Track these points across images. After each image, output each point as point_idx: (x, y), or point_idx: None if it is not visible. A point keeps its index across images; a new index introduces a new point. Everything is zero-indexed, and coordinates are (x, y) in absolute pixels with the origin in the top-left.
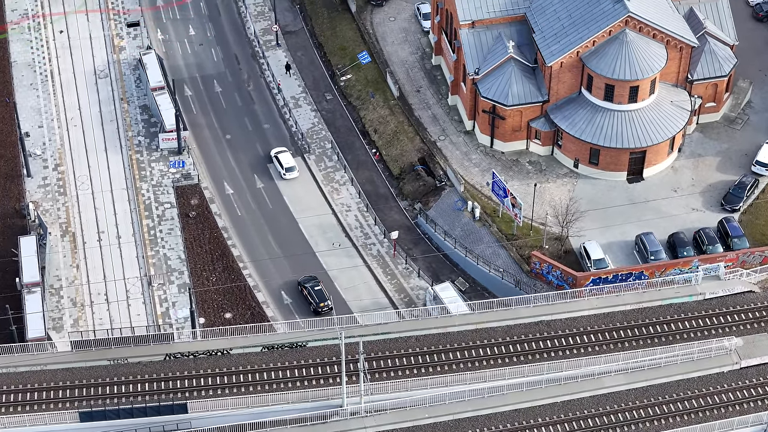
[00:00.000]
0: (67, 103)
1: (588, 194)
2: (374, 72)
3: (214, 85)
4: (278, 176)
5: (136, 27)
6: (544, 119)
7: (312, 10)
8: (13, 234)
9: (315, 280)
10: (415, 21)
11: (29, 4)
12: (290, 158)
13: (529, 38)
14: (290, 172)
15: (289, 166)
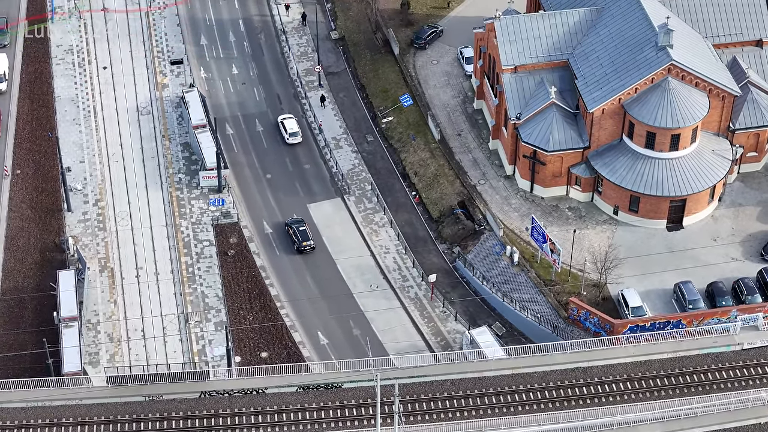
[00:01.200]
0: (109, 138)
1: (627, 241)
2: (416, 115)
3: (256, 124)
4: (283, 141)
5: (179, 65)
6: (584, 165)
7: (355, 52)
8: (52, 268)
9: (301, 222)
10: (458, 65)
11: (74, 39)
12: (295, 124)
13: (571, 84)
14: (294, 137)
15: (293, 131)
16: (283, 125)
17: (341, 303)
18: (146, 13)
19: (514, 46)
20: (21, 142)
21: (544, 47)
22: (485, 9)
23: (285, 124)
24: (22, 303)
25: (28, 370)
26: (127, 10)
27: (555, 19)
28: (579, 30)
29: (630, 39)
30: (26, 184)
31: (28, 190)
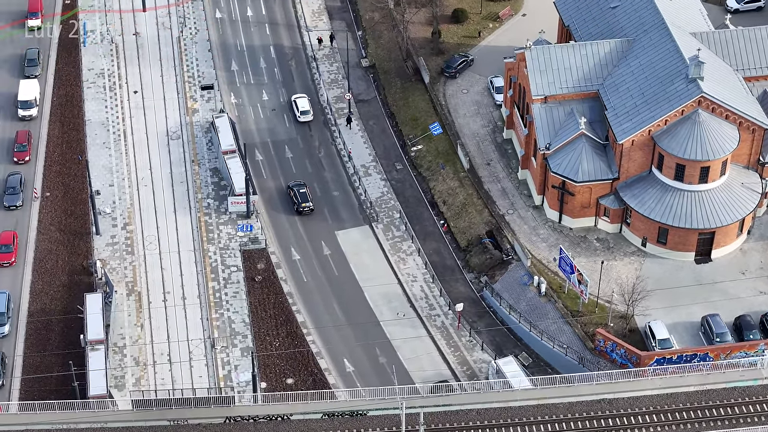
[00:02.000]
0: (139, 163)
1: (655, 273)
2: (445, 143)
3: (285, 150)
4: (295, 119)
5: (209, 90)
6: (613, 197)
7: (385, 80)
8: (79, 291)
9: (301, 184)
10: (488, 94)
11: (106, 63)
12: (306, 103)
13: (601, 115)
14: (305, 115)
15: (305, 109)
16: (295, 103)
17: (368, 330)
18: (177, 38)
19: (544, 76)
20: (51, 165)
21: (575, 78)
22: (516, 39)
23: (297, 102)
24: (49, 325)
25: (54, 392)
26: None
27: (586, 50)
28: (609, 61)
29: (661, 71)
30: (55, 207)
31: (57, 213)
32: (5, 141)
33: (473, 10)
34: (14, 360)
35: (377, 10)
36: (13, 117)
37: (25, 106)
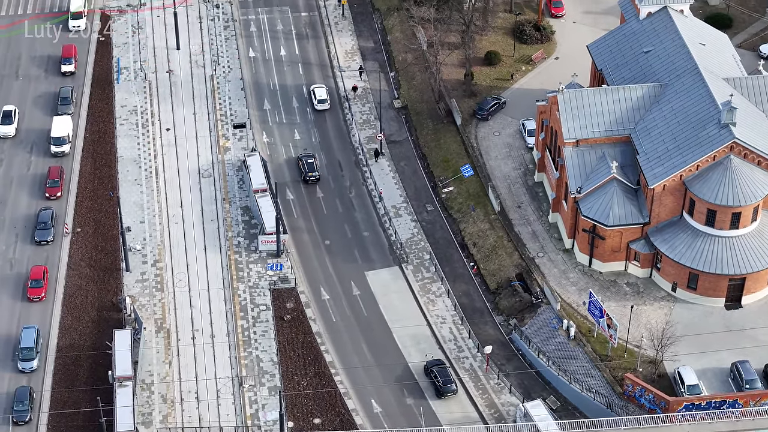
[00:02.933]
0: (170, 200)
1: (685, 319)
2: (476, 185)
3: (317, 190)
4: (312, 107)
5: (242, 128)
6: (644, 241)
7: (417, 121)
8: (108, 327)
9: (311, 155)
10: (520, 137)
11: (139, 100)
12: (324, 92)
13: (632, 159)
14: (322, 103)
15: (322, 98)
16: (313, 92)
17: (396, 371)
18: (211, 76)
19: (576, 119)
20: (82, 201)
21: (607, 122)
22: (549, 82)
23: (315, 91)
24: (77, 361)
25: (82, 428)
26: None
27: (618, 94)
28: (642, 105)
29: (693, 116)
30: (86, 243)
31: (87, 249)
32: (37, 176)
33: (506, 53)
34: (42, 395)
35: (410, 51)
36: (45, 153)
37: (58, 143)
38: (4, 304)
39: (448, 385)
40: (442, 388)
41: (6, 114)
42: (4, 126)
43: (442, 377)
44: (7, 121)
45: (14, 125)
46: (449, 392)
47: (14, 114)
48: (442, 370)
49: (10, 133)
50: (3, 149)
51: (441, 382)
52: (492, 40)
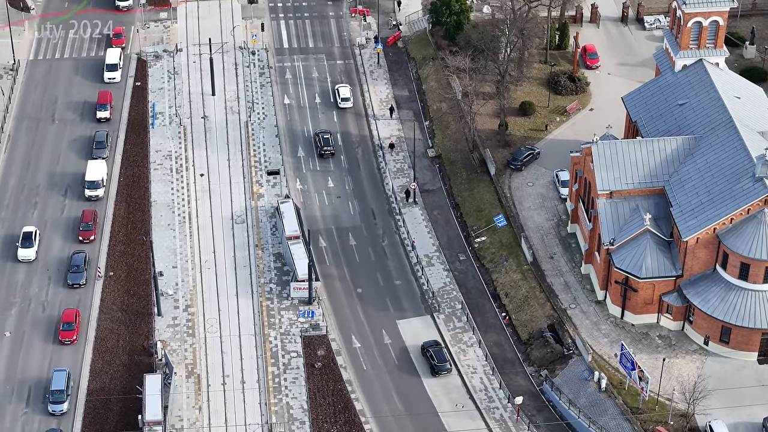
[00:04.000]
0: (203, 245)
1: (717, 372)
2: (509, 236)
3: (349, 238)
4: (335, 106)
5: (276, 175)
6: (676, 294)
7: (451, 170)
8: (139, 371)
9: (327, 132)
10: (553, 187)
11: (173, 145)
12: (347, 91)
13: (666, 211)
14: (345, 102)
15: (345, 97)
16: (338, 91)
17: (426, 421)
18: (245, 122)
19: (610, 171)
20: (115, 245)
21: (641, 174)
22: (583, 133)
23: (339, 90)
24: (107, 404)
25: None
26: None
27: (652, 146)
28: (676, 158)
29: (727, 169)
30: (118, 287)
31: (119, 293)
32: (71, 220)
33: (541, 104)
34: None
35: (445, 100)
36: (79, 197)
37: (92, 187)
38: (36, 347)
39: (442, 364)
40: (436, 366)
41: (26, 236)
42: (24, 249)
43: (437, 357)
44: (27, 244)
45: (35, 248)
46: (443, 371)
47: (35, 236)
48: (438, 351)
49: (30, 257)
50: (37, 192)
51: (436, 360)
52: (527, 90)
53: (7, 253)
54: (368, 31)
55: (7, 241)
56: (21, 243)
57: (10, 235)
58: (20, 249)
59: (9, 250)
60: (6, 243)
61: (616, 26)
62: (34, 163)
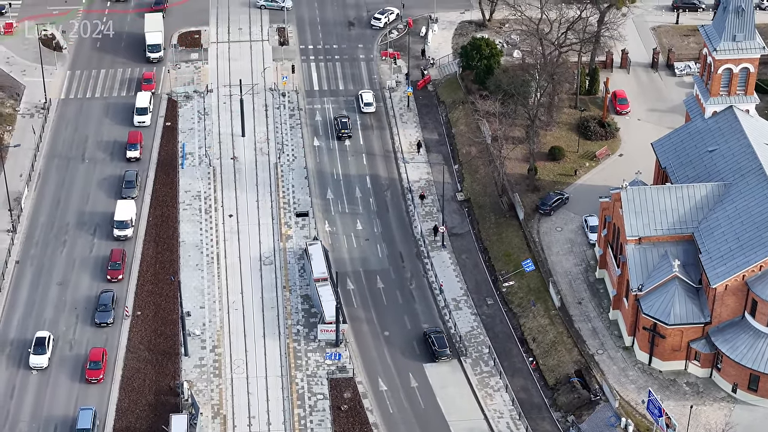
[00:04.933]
0: (231, 286)
1: (745, 420)
2: (537, 280)
3: (377, 280)
4: (358, 110)
5: (304, 217)
6: (705, 341)
7: (480, 214)
8: (165, 411)
9: (346, 116)
10: (582, 233)
11: (202, 186)
12: (371, 96)
13: (695, 258)
14: (368, 107)
15: (368, 102)
16: (361, 96)
17: None
18: (275, 164)
19: (639, 217)
20: (143, 284)
21: (670, 220)
22: (612, 178)
23: (363, 95)
24: None
25: None
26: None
27: (682, 193)
28: (705, 204)
29: (756, 216)
30: (145, 326)
31: (146, 332)
32: (100, 259)
33: (570, 149)
34: None
35: (474, 144)
36: (108, 236)
37: (121, 227)
38: (63, 385)
39: (443, 349)
40: (437, 352)
41: (39, 341)
42: (36, 356)
43: (438, 343)
44: (39, 351)
45: (47, 355)
46: (444, 356)
47: (48, 342)
48: (438, 337)
49: (42, 364)
50: (66, 230)
51: (437, 346)
52: (556, 135)
53: (34, 292)
54: (398, 74)
55: (35, 280)
56: (33, 349)
57: (39, 272)
58: (32, 356)
59: (36, 291)
60: (34, 282)
61: (647, 72)
62: (64, 202)
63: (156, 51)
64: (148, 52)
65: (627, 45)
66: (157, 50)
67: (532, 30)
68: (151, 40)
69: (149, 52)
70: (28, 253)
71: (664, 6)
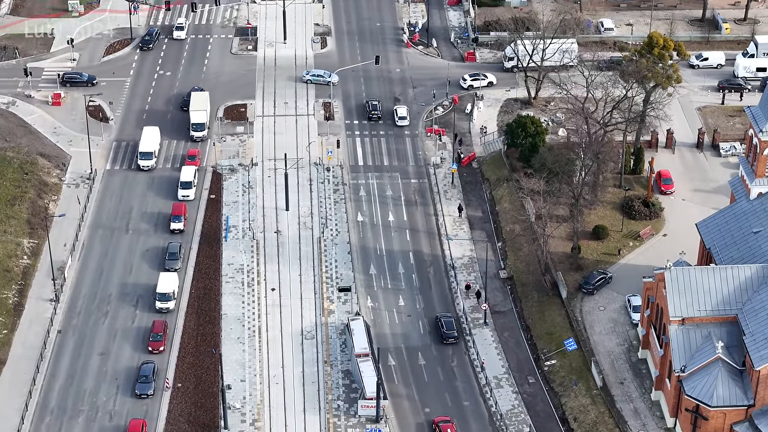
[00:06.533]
0: (272, 360)
1: None
2: (579, 360)
3: (419, 357)
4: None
5: (347, 292)
6: (748, 423)
7: (522, 292)
8: None
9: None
10: (625, 312)
11: (245, 259)
12: (404, 110)
13: (738, 340)
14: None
15: (402, 115)
16: (396, 111)
17: None
18: (318, 238)
19: (683, 297)
20: (184, 356)
21: (714, 301)
22: (656, 258)
23: (397, 110)
24: None
25: None
26: None
27: (726, 274)
28: (750, 286)
29: None
30: (186, 399)
31: (187, 405)
32: (141, 330)
33: (614, 228)
34: None
35: (518, 222)
36: (150, 308)
37: (163, 299)
38: None
39: (450, 331)
40: (445, 334)
41: None
42: None
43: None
44: None
45: None
46: (450, 338)
47: None
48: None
49: None
50: (109, 301)
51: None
52: (600, 214)
53: (75, 362)
54: (443, 151)
55: (76, 350)
56: None
57: (80, 342)
58: None
59: (77, 361)
60: (75, 352)
61: (692, 152)
62: (107, 272)
63: (200, 130)
64: (192, 131)
65: (672, 125)
66: (201, 129)
67: (577, 108)
68: (196, 119)
69: (193, 130)
70: (70, 323)
71: (709, 86)
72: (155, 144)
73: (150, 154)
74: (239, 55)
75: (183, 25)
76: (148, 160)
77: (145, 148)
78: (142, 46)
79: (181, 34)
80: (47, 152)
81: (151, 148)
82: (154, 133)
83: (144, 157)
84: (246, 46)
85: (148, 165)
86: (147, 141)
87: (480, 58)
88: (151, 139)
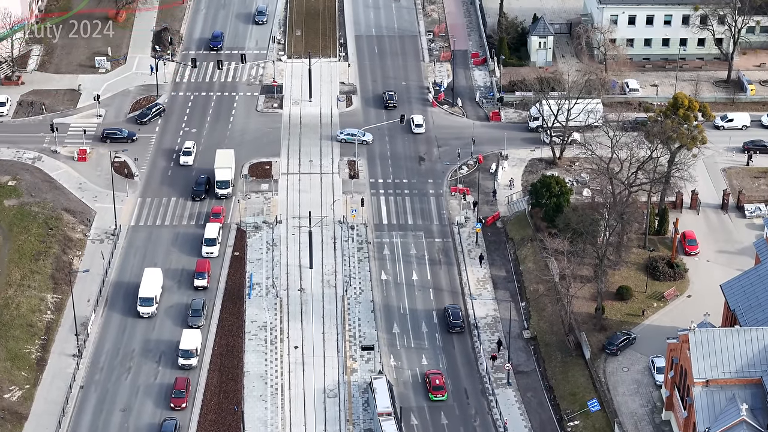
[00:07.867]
0: (294, 418)
1: None
2: (602, 421)
3: (441, 416)
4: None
5: (370, 351)
6: None
7: (546, 353)
8: None
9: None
10: (648, 374)
11: (269, 317)
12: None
13: (763, 402)
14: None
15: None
16: (413, 119)
17: None
18: (342, 297)
19: (707, 359)
20: (206, 414)
21: (738, 363)
22: (680, 319)
23: (414, 118)
24: None
25: None
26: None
27: (751, 336)
28: None
29: None
30: None
31: None
32: (164, 386)
33: (638, 288)
34: None
35: (542, 282)
36: (173, 365)
37: (186, 356)
38: None
39: (457, 321)
40: (451, 323)
41: None
42: None
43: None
44: None
45: None
46: (456, 327)
47: None
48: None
49: None
50: (132, 357)
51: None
52: (624, 275)
53: (97, 418)
54: (467, 210)
55: (98, 406)
56: None
57: (102, 398)
58: None
59: (99, 417)
60: (98, 408)
61: (716, 213)
62: (130, 328)
63: (225, 188)
64: (216, 188)
65: (697, 186)
66: (226, 186)
67: (602, 169)
68: (221, 176)
69: (218, 188)
70: (92, 379)
71: (734, 148)
72: (157, 288)
73: (151, 300)
74: (264, 112)
75: (191, 150)
76: (148, 306)
77: (145, 293)
78: (137, 119)
79: (188, 159)
80: (72, 207)
81: (152, 293)
82: (155, 275)
83: (144, 302)
84: (271, 103)
85: (148, 312)
86: (148, 285)
87: (505, 118)
88: (153, 282)
